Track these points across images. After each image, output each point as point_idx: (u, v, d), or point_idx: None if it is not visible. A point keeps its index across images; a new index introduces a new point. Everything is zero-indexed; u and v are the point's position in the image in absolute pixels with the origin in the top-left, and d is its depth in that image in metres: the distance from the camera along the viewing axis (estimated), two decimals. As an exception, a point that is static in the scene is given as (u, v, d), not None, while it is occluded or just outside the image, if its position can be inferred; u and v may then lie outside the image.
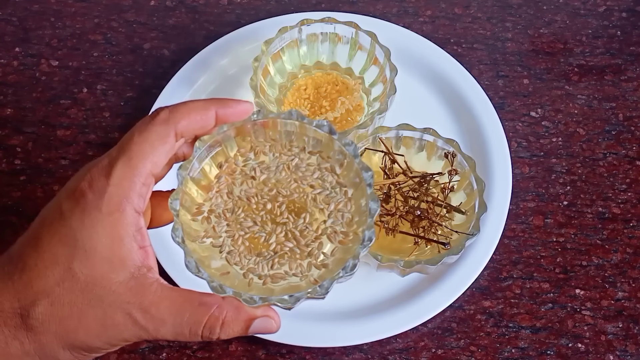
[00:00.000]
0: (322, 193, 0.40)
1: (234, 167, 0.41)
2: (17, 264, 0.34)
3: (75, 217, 0.34)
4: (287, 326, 0.52)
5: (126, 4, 0.70)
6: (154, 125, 0.36)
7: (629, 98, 0.65)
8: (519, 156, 0.62)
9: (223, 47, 0.64)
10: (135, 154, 0.35)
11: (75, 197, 0.34)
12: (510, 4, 0.71)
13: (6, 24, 0.69)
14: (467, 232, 0.51)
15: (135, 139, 0.36)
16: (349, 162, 0.40)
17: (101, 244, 0.34)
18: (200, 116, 0.37)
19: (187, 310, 0.34)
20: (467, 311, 0.55)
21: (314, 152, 0.41)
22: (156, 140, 0.36)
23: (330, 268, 0.38)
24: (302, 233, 0.39)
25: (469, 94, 0.62)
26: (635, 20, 0.70)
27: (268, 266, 0.38)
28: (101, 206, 0.34)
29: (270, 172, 0.40)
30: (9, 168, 0.61)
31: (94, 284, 0.34)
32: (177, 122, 0.37)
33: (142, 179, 0.35)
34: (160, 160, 0.36)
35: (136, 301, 0.34)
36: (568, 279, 0.56)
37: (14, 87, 0.65)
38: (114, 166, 0.35)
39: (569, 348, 0.54)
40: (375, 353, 0.53)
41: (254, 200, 0.40)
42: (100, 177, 0.35)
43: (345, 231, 0.39)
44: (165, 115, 0.36)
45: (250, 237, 0.39)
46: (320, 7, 0.70)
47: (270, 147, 0.41)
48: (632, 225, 0.59)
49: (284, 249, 0.39)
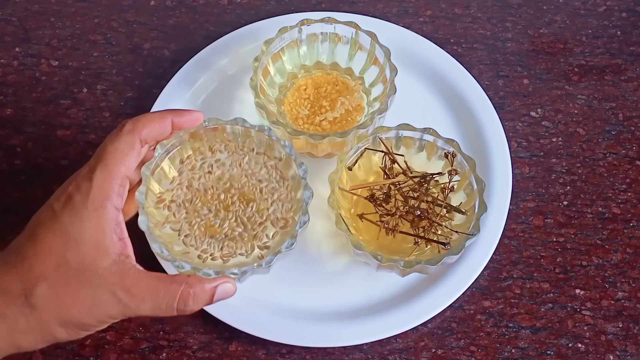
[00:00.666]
0: (268, 186, 0.48)
1: (194, 163, 0.49)
2: (17, 255, 0.41)
3: (66, 215, 0.41)
4: (287, 326, 0.52)
5: (126, 4, 0.70)
6: (122, 135, 0.43)
7: (629, 98, 0.65)
8: (519, 156, 0.62)
9: (223, 47, 0.64)
10: (110, 161, 0.42)
11: (65, 199, 0.41)
12: (510, 4, 0.71)
13: (6, 24, 0.69)
14: (467, 232, 0.51)
15: (108, 148, 0.43)
16: (286, 159, 0.49)
17: (88, 236, 0.40)
18: (159, 124, 0.45)
19: (162, 289, 0.41)
20: (467, 311, 0.55)
21: (261, 153, 0.50)
22: (125, 147, 0.43)
23: (271, 249, 0.46)
24: (249, 219, 0.48)
25: (469, 94, 0.62)
26: (635, 20, 0.70)
27: (219, 247, 0.47)
28: (87, 205, 0.41)
29: (225, 168, 0.49)
30: (9, 168, 0.61)
31: (84, 269, 0.40)
32: (141, 131, 0.44)
33: (119, 181, 0.42)
34: (131, 163, 0.43)
35: (119, 282, 0.40)
36: (568, 279, 0.56)
37: (14, 87, 0.65)
38: (94, 172, 0.42)
39: (569, 348, 0.54)
40: (375, 353, 0.53)
41: (209, 192, 0.48)
42: (84, 182, 0.42)
43: (285, 217, 0.48)
44: (130, 126, 0.44)
45: (205, 223, 0.47)
46: (320, 7, 0.70)
47: (225, 147, 0.50)
48: (632, 225, 0.59)
49: (234, 233, 0.47)
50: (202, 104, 0.63)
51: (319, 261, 0.56)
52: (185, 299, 0.42)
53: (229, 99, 0.63)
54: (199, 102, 0.63)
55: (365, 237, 0.54)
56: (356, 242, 0.50)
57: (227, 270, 0.44)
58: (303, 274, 0.55)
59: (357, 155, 0.55)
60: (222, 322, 0.52)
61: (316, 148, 0.57)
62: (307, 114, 0.59)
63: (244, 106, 0.62)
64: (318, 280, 0.55)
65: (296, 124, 0.59)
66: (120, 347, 0.53)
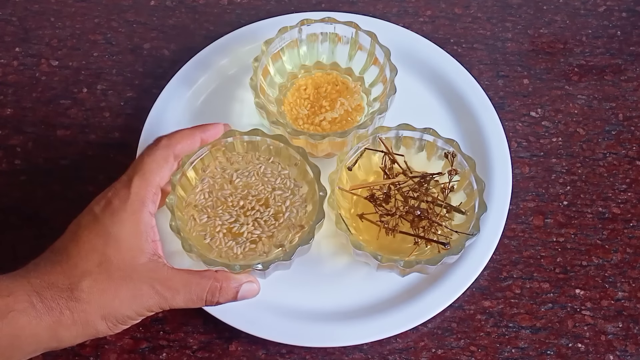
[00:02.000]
0: (282, 195, 0.53)
1: (215, 172, 0.54)
2: (62, 254, 0.44)
3: (106, 217, 0.45)
4: (287, 326, 0.52)
5: (126, 4, 0.70)
6: (158, 149, 0.49)
7: (629, 98, 0.65)
8: (519, 156, 0.62)
9: (223, 47, 0.64)
10: (147, 171, 0.47)
11: (105, 203, 0.46)
12: (510, 4, 0.71)
13: (6, 24, 0.69)
14: (467, 232, 0.51)
15: (145, 160, 0.48)
16: (301, 165, 0.53)
17: (126, 236, 0.45)
18: (190, 141, 0.51)
19: (193, 282, 0.46)
20: (467, 311, 0.55)
21: (276, 161, 0.54)
22: (161, 160, 0.48)
23: (287, 250, 0.50)
24: (266, 223, 0.52)
25: (469, 94, 0.62)
26: (635, 20, 0.70)
27: (241, 248, 0.51)
28: (126, 208, 0.46)
29: (243, 177, 0.53)
30: (9, 168, 0.61)
31: (124, 265, 0.44)
32: (175, 146, 0.50)
33: (154, 189, 0.47)
34: (165, 175, 0.49)
35: (156, 277, 0.45)
36: (568, 279, 0.56)
37: (14, 87, 0.65)
38: (132, 180, 0.47)
39: (569, 348, 0.54)
40: (375, 353, 0.53)
41: (229, 199, 0.53)
42: (123, 189, 0.47)
43: (300, 222, 0.52)
44: (166, 141, 0.50)
45: (228, 228, 0.51)
46: (320, 7, 0.70)
47: (242, 157, 0.54)
48: (632, 225, 0.59)
49: (253, 236, 0.51)
50: (202, 104, 0.63)
51: (319, 261, 0.56)
52: (213, 291, 0.46)
53: (229, 99, 0.63)
54: (199, 102, 0.63)
55: (365, 237, 0.54)
56: (356, 242, 0.50)
57: (253, 264, 0.49)
58: (303, 274, 0.55)
59: (357, 155, 0.55)
60: (222, 322, 0.52)
61: (316, 148, 0.57)
62: (307, 114, 0.59)
63: (244, 106, 0.62)
64: (318, 280, 0.55)
65: (296, 124, 0.59)
66: (120, 347, 0.53)
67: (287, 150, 0.53)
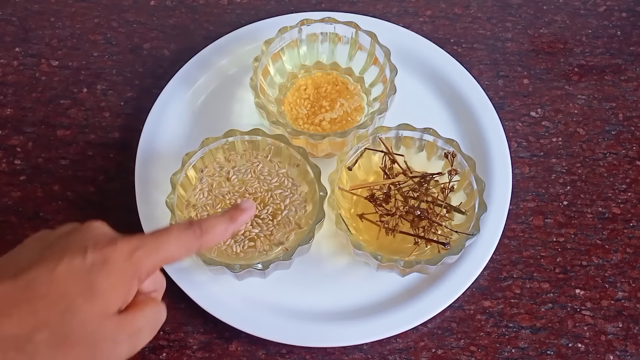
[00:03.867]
0: (282, 193, 0.53)
1: (213, 170, 0.54)
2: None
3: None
4: (287, 326, 0.52)
5: (126, 4, 0.70)
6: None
7: (629, 98, 0.65)
8: (519, 156, 0.62)
9: (223, 47, 0.64)
10: (163, 249, 0.38)
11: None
12: (510, 4, 0.71)
13: (6, 24, 0.69)
14: (467, 232, 0.51)
15: (172, 240, 0.38)
16: (302, 165, 0.53)
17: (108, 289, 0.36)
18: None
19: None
20: (467, 311, 0.55)
21: (274, 160, 0.55)
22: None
23: (289, 246, 0.50)
24: (264, 221, 0.52)
25: (469, 94, 0.62)
26: (635, 20, 0.70)
27: (240, 247, 0.51)
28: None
29: (240, 174, 0.54)
30: (9, 168, 0.61)
31: (89, 320, 0.35)
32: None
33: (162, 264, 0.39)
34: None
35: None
36: (568, 279, 0.56)
37: (14, 87, 0.65)
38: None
39: (569, 348, 0.54)
40: (375, 353, 0.53)
41: (227, 197, 0.53)
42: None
43: (298, 220, 0.52)
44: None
45: None
46: (320, 7, 0.70)
47: (241, 156, 0.55)
48: (632, 225, 0.59)
49: (251, 234, 0.51)
50: (202, 104, 0.63)
51: (319, 261, 0.56)
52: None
53: (229, 99, 0.63)
54: (199, 102, 0.63)
55: (365, 237, 0.54)
56: (356, 242, 0.50)
57: (253, 263, 0.49)
58: (303, 274, 0.55)
59: (357, 155, 0.55)
60: (222, 322, 0.52)
61: (316, 148, 0.57)
62: (307, 114, 0.59)
63: (244, 106, 0.62)
64: (318, 280, 0.55)
65: (296, 124, 0.59)
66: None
67: (288, 150, 0.54)
